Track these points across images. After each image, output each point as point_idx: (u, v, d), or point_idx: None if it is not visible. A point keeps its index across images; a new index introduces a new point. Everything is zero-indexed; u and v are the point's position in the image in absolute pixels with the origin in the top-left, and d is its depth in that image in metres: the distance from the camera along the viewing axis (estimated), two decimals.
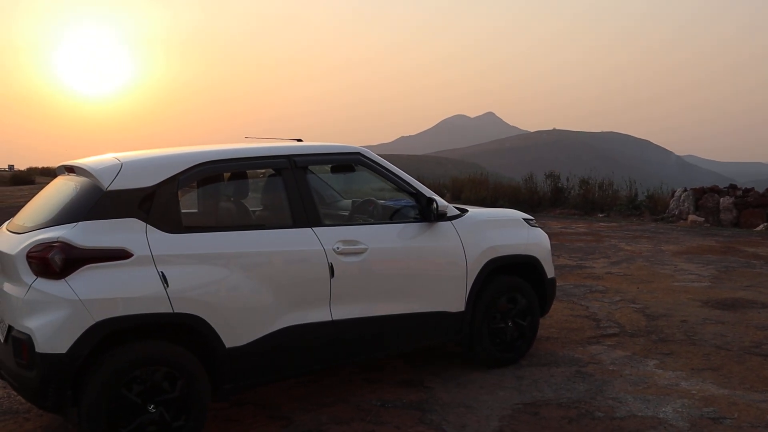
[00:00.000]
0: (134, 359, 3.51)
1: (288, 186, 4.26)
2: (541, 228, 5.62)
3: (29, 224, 3.85)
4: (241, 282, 3.86)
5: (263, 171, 4.80)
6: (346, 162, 4.84)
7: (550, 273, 5.45)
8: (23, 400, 4.45)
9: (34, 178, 40.16)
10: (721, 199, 15.36)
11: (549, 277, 5.44)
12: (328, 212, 5.14)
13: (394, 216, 4.84)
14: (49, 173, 44.01)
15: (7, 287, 3.62)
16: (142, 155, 4.09)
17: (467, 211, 5.06)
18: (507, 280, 5.12)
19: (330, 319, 4.18)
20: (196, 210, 4.49)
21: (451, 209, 4.87)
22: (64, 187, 4.07)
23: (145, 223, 3.67)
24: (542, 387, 4.70)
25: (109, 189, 3.68)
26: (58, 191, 4.10)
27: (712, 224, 15.10)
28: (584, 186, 19.09)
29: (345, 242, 4.28)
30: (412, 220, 4.72)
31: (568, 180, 19.83)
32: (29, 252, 3.48)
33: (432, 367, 5.15)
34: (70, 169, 4.15)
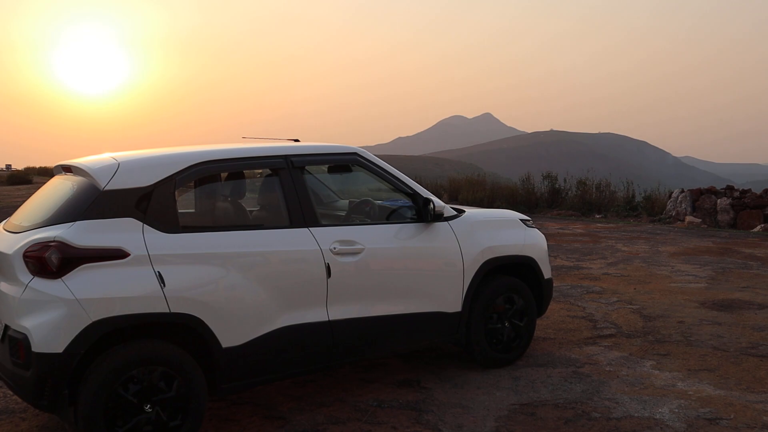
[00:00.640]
0: (131, 359, 3.50)
1: (285, 186, 4.26)
2: (538, 229, 5.62)
3: (26, 224, 3.85)
4: (238, 282, 3.86)
5: (260, 171, 4.80)
6: (343, 162, 4.84)
7: (547, 274, 5.46)
8: (19, 400, 4.44)
9: (31, 178, 40.08)
10: (718, 201, 15.38)
11: (546, 277, 5.44)
12: (325, 212, 5.14)
13: (390, 216, 4.84)
14: (46, 173, 43.94)
15: (4, 287, 3.61)
16: (139, 155, 4.08)
17: (464, 211, 5.06)
18: (504, 280, 5.13)
19: (327, 320, 4.18)
20: (193, 210, 4.48)
21: (448, 210, 4.88)
22: (61, 187, 4.07)
23: (141, 223, 3.67)
24: (539, 387, 4.70)
25: (106, 188, 3.68)
26: (56, 191, 4.10)
27: (709, 225, 15.13)
28: (581, 187, 19.14)
29: (342, 242, 4.28)
30: (408, 220, 4.73)
31: (565, 181, 19.88)
32: (26, 251, 3.48)
33: (429, 368, 5.16)
34: (67, 169, 4.15)
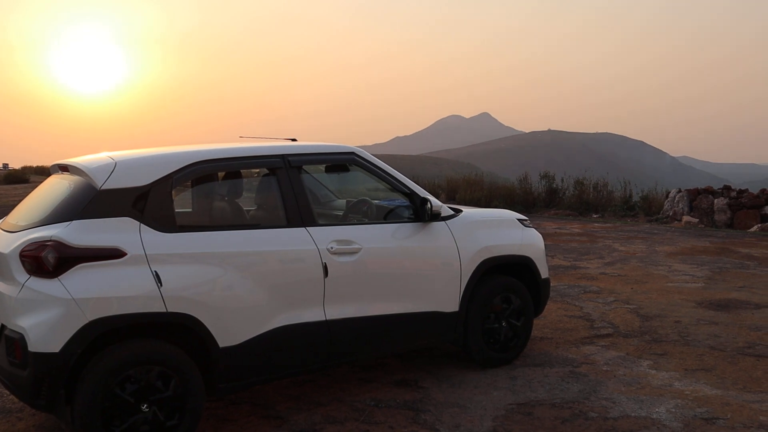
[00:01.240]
0: (127, 359, 3.50)
1: (282, 185, 4.26)
2: (535, 228, 5.63)
3: (23, 223, 3.84)
4: (235, 281, 3.85)
5: (257, 170, 4.79)
6: (341, 162, 4.84)
7: (544, 273, 5.46)
8: (16, 400, 4.44)
9: (28, 177, 39.98)
10: (716, 200, 15.40)
11: (543, 277, 5.45)
12: (323, 212, 5.14)
13: (388, 216, 4.84)
14: (43, 172, 43.79)
15: (0, 286, 3.61)
16: (136, 154, 4.08)
17: (461, 211, 5.06)
18: (501, 280, 5.13)
19: (324, 319, 4.18)
20: (190, 209, 4.48)
21: (445, 209, 4.88)
22: (57, 186, 4.06)
23: (138, 223, 3.66)
24: (536, 387, 4.71)
25: (102, 188, 3.67)
26: (52, 190, 4.09)
27: (706, 225, 15.15)
28: (579, 187, 19.15)
29: (339, 242, 4.27)
30: (406, 220, 4.73)
31: (562, 181, 19.89)
32: (22, 251, 3.47)
33: (426, 367, 5.16)
34: (64, 168, 4.14)
